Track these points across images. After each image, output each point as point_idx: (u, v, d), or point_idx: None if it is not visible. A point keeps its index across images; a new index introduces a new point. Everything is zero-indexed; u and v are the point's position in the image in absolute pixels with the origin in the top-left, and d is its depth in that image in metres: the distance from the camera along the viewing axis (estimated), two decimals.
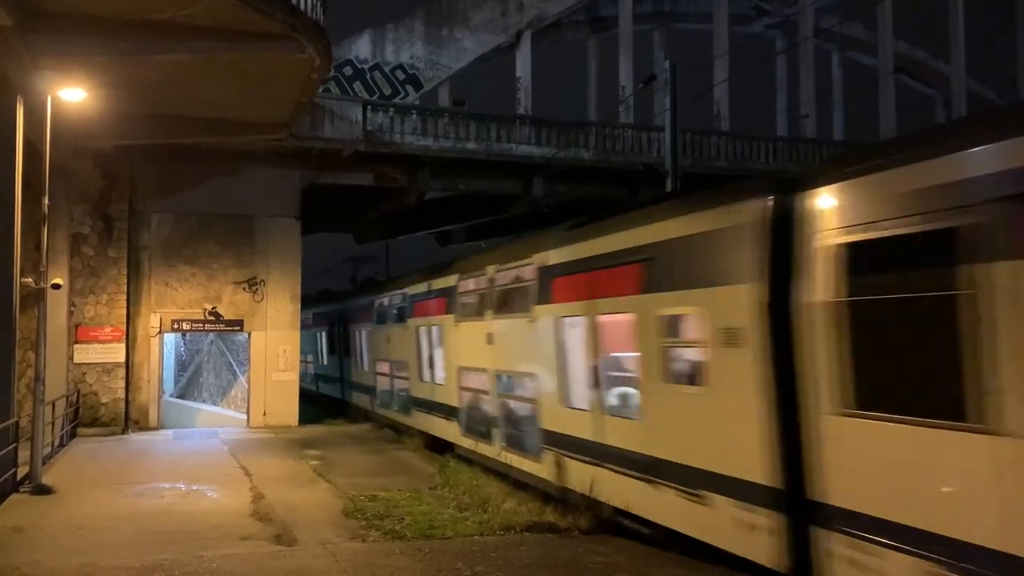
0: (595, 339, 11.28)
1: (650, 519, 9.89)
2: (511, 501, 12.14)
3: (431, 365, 18.76)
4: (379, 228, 35.29)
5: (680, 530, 9.35)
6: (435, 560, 9.24)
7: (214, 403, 28.85)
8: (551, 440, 12.52)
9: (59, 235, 20.65)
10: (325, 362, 32.02)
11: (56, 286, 15.60)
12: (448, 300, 17.40)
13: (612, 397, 11.12)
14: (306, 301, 27.57)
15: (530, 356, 13.30)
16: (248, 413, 23.97)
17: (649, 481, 9.82)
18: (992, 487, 5.73)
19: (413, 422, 20.12)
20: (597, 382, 11.13)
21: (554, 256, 12.46)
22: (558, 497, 12.12)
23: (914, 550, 6.36)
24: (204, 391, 30.59)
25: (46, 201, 14.27)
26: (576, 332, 11.77)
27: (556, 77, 41.27)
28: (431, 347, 18.69)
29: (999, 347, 5.67)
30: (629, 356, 10.65)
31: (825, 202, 7.39)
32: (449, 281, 17.44)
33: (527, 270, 13.43)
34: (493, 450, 14.90)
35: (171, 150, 22.04)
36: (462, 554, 9.46)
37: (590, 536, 10.58)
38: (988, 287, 5.76)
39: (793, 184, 7.99)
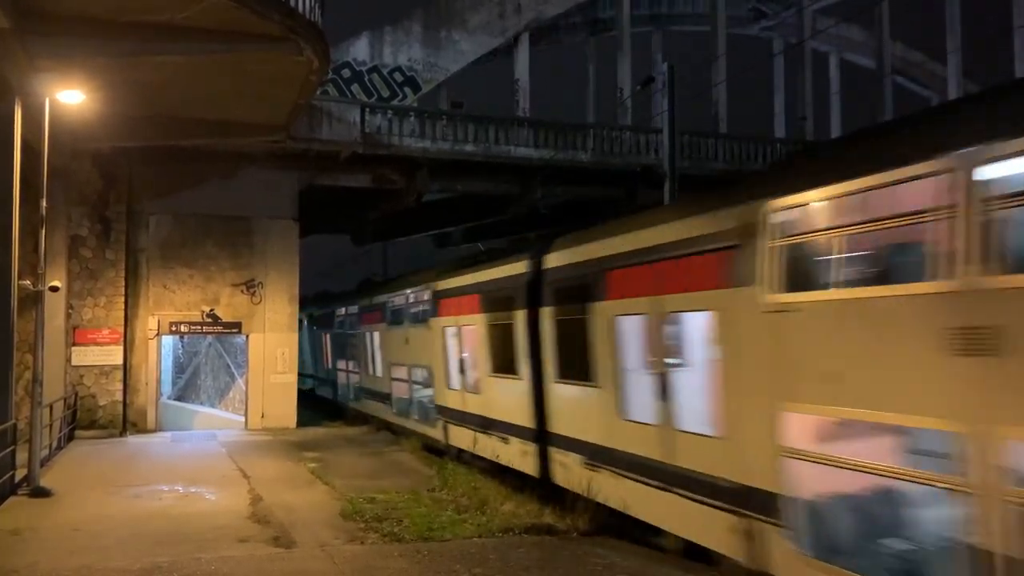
0: (462, 343, 17.12)
1: (484, 456, 15.73)
2: (509, 503, 12.15)
3: (373, 362, 24.66)
4: (377, 230, 35.28)
5: (496, 460, 15.19)
6: (434, 562, 9.23)
7: (212, 405, 28.81)
8: (442, 412, 18.44)
9: (57, 237, 20.62)
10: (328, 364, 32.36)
11: (54, 288, 15.60)
12: (382, 312, 23.33)
13: (469, 381, 16.83)
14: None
15: (429, 354, 18.85)
16: (246, 415, 23.95)
17: (485, 432, 15.79)
18: (600, 413, 11.43)
19: (362, 407, 26.14)
20: (463, 371, 16.88)
21: (440, 285, 18.50)
22: (444, 450, 18.07)
23: (579, 451, 12.01)
24: (202, 393, 30.55)
25: (44, 203, 14.26)
26: (453, 338, 17.59)
27: (554, 79, 41.33)
28: (372, 348, 24.58)
29: (596, 345, 11.42)
30: (475, 355, 16.33)
31: (552, 263, 13.10)
32: (382, 299, 23.49)
33: (427, 293, 19.31)
34: (411, 422, 20.80)
35: (169, 152, 22.02)
36: (461, 556, 9.46)
37: (588, 537, 10.58)
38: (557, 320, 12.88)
39: (546, 247, 13.56)
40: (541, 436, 13.26)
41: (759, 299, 7.88)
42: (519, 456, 14.09)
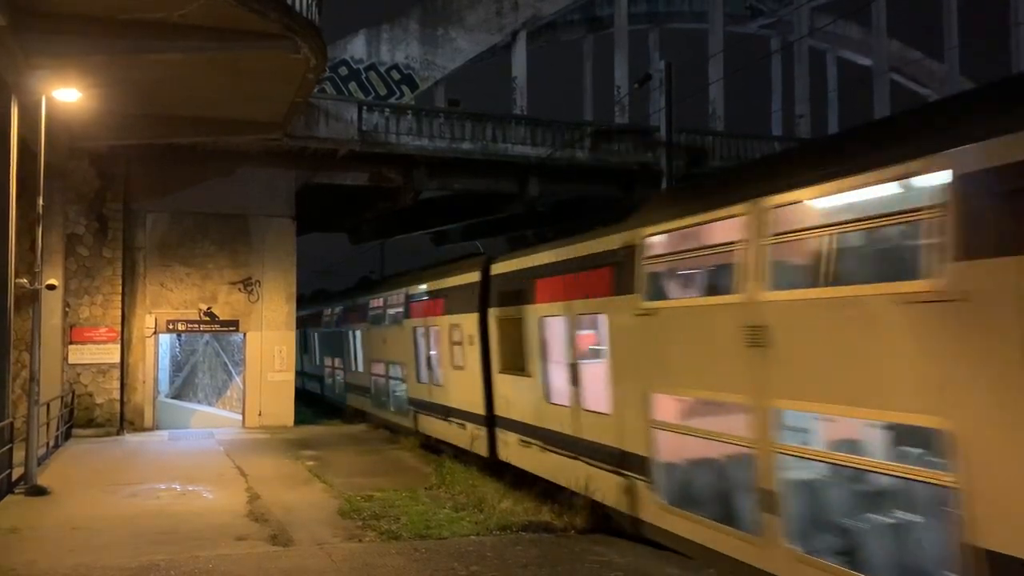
0: (430, 341, 19.23)
1: (448, 441, 18.16)
2: (507, 501, 12.17)
3: (355, 358, 27.34)
4: (375, 228, 35.27)
5: (456, 444, 17.54)
6: (431, 560, 9.24)
7: (209, 404, 28.76)
8: (414, 403, 20.78)
9: (54, 235, 20.58)
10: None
11: (51, 287, 15.56)
12: (362, 313, 26.15)
13: (436, 375, 18.99)
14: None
15: (404, 351, 21.12)
16: (243, 414, 23.93)
17: (446, 420, 18.28)
18: (531, 398, 13.77)
19: (346, 400, 28.52)
20: (430, 366, 18.55)
21: (411, 290, 20.86)
22: (413, 435, 20.18)
23: (517, 431, 14.36)
24: (199, 392, 30.51)
25: (41, 201, 14.22)
26: (422, 337, 19.75)
27: (552, 77, 41.32)
28: (356, 346, 27.21)
29: (529, 342, 13.76)
30: (438, 351, 18.74)
31: (497, 271, 15.66)
32: (364, 301, 26.34)
33: (400, 297, 21.76)
34: (387, 412, 23.09)
35: (166, 150, 22.00)
36: (458, 554, 9.47)
37: (586, 535, 10.61)
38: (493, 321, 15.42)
39: (492, 259, 16.35)
40: (490, 420, 16.01)
41: (635, 305, 10.26)
42: (470, 439, 16.87)
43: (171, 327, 23.39)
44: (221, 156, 22.92)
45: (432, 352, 19.35)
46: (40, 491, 13.25)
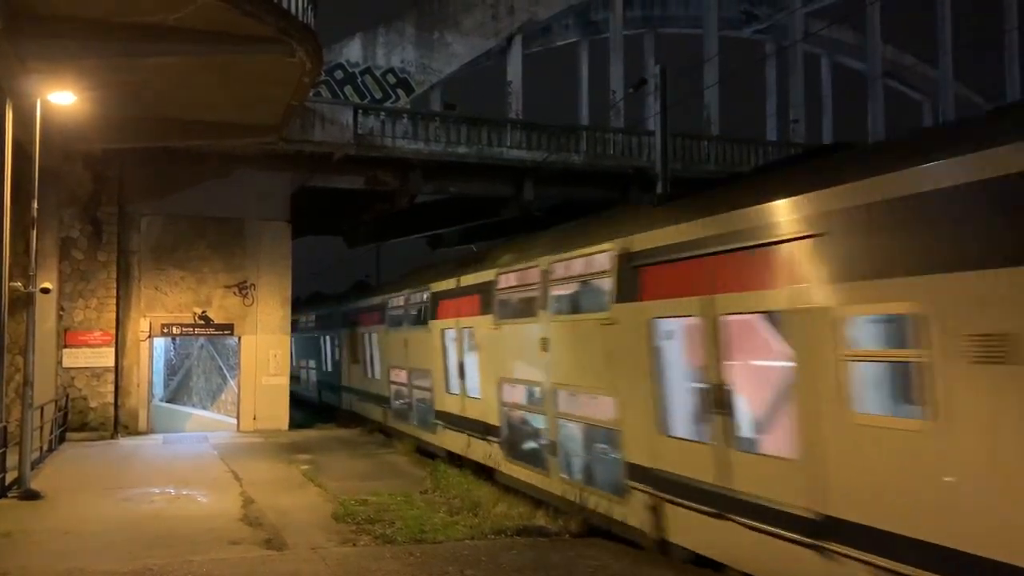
0: (403, 346, 20.81)
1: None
2: (502, 505, 12.16)
3: (332, 361, 29.78)
4: (370, 231, 35.26)
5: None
6: (426, 564, 9.24)
7: (204, 407, 28.73)
8: (382, 401, 22.84)
9: (48, 239, 20.57)
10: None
11: (45, 290, 15.54)
12: (342, 320, 27.70)
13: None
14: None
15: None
16: (238, 417, 23.88)
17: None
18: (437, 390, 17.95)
19: (324, 399, 31.17)
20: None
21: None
22: (389, 432, 22.10)
23: (463, 430, 16.32)
24: (194, 395, 30.47)
25: (35, 204, 14.20)
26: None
27: (547, 81, 41.37)
28: (332, 350, 29.66)
29: (433, 348, 18.04)
30: (403, 355, 20.90)
31: (436, 291, 18.00)
32: (343, 309, 27.92)
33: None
34: (366, 410, 24.72)
35: (161, 153, 21.97)
36: (453, 558, 9.46)
37: (580, 539, 10.61)
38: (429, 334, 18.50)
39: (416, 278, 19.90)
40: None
41: (492, 322, 14.47)
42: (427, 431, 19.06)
43: (166, 331, 23.34)
44: (216, 159, 22.90)
45: (398, 355, 21.50)
46: (33, 495, 13.20)
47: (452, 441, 16.99)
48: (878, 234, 6.50)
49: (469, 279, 15.91)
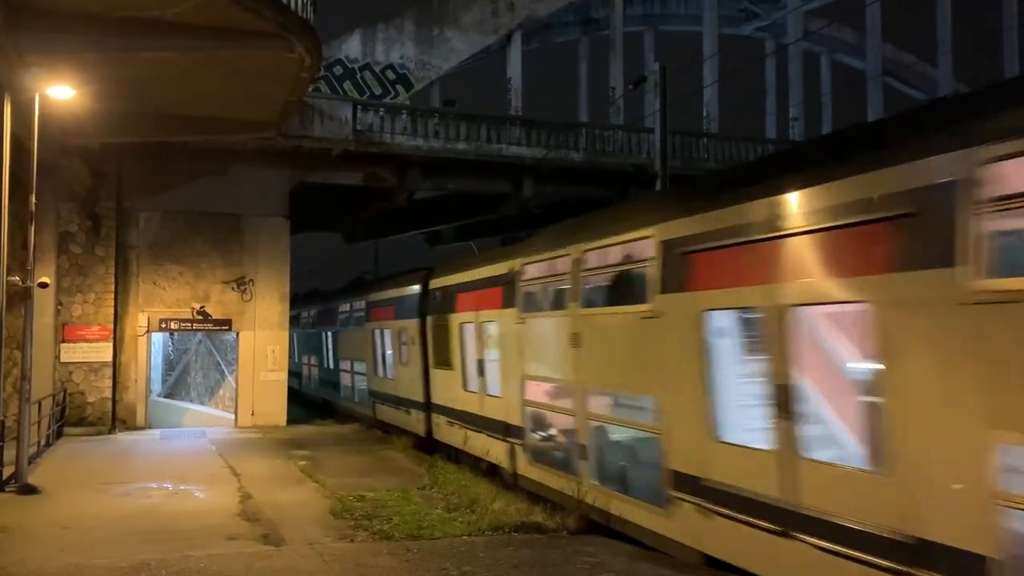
0: (384, 342, 22.18)
1: (397, 424, 20.83)
2: (499, 501, 12.15)
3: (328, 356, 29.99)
4: (369, 228, 35.25)
5: (400, 426, 20.53)
6: (423, 560, 9.23)
7: (202, 403, 28.72)
8: (372, 394, 23.44)
9: (46, 233, 20.53)
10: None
11: (43, 285, 15.52)
12: (334, 317, 28.37)
13: (388, 371, 21.97)
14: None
15: (366, 350, 23.50)
16: (236, 413, 23.88)
17: (396, 408, 21.07)
18: (453, 388, 16.84)
19: (317, 393, 31.75)
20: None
21: (374, 297, 23.18)
22: (376, 425, 23.02)
23: (447, 416, 17.27)
24: (192, 391, 30.46)
25: (33, 199, 14.17)
26: (379, 337, 22.57)
27: (547, 78, 41.35)
28: (328, 345, 29.79)
29: (452, 344, 16.81)
30: (392, 351, 21.66)
31: (433, 284, 18.45)
32: (334, 306, 28.75)
33: (363, 303, 24.22)
34: (354, 404, 25.55)
35: (159, 148, 21.94)
36: (450, 554, 9.46)
37: (578, 536, 10.60)
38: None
39: (429, 274, 19.03)
40: (428, 406, 18.78)
41: (515, 316, 13.40)
42: (415, 422, 19.51)
43: (164, 326, 23.32)
44: (215, 155, 22.87)
45: (388, 351, 21.72)
46: (31, 490, 13.20)
47: (473, 442, 15.96)
48: None
49: (489, 270, 14.97)
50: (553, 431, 13.00)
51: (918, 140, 6.07)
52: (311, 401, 31.77)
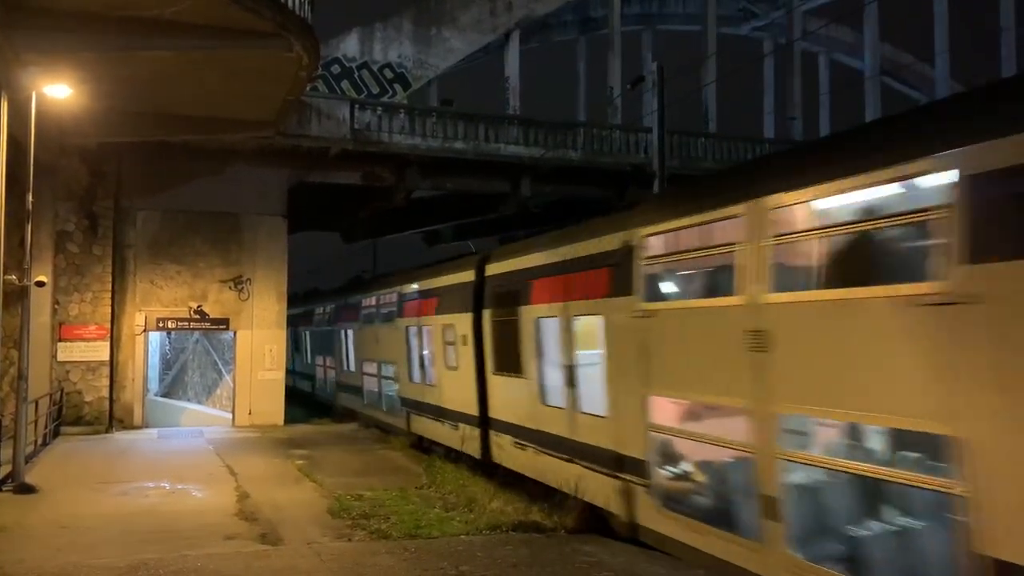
0: (422, 342, 19.01)
1: (441, 442, 17.78)
2: (497, 501, 12.16)
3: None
4: (366, 227, 35.21)
5: (444, 443, 17.52)
6: (421, 559, 9.23)
7: (199, 402, 28.68)
8: (405, 403, 20.37)
9: (44, 232, 20.49)
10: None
11: (40, 284, 15.50)
12: (330, 314, 29.08)
13: (428, 376, 18.75)
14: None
15: (397, 350, 20.54)
16: (233, 412, 23.86)
17: (439, 420, 17.82)
18: (525, 400, 13.51)
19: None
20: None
21: (407, 289, 20.35)
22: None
23: (512, 434, 14.13)
24: (189, 390, 30.41)
25: (30, 198, 14.17)
26: (417, 337, 19.21)
27: (545, 78, 41.31)
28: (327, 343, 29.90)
29: (524, 344, 13.51)
30: (430, 352, 18.42)
31: (492, 271, 15.22)
32: (329, 304, 29.34)
33: (394, 296, 21.45)
34: (382, 413, 22.64)
35: (157, 147, 21.90)
36: (448, 554, 9.46)
37: (576, 535, 10.61)
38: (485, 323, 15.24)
39: (485, 259, 15.74)
40: (484, 421, 15.61)
41: (634, 307, 10.09)
42: (467, 440, 16.33)
43: (161, 325, 23.30)
44: (213, 154, 22.85)
45: (425, 353, 18.71)
46: (28, 489, 13.18)
47: (554, 472, 12.41)
48: None
49: (585, 247, 11.58)
50: (706, 470, 9.54)
51: (612, 226, 10.82)
52: (324, 405, 29.32)
